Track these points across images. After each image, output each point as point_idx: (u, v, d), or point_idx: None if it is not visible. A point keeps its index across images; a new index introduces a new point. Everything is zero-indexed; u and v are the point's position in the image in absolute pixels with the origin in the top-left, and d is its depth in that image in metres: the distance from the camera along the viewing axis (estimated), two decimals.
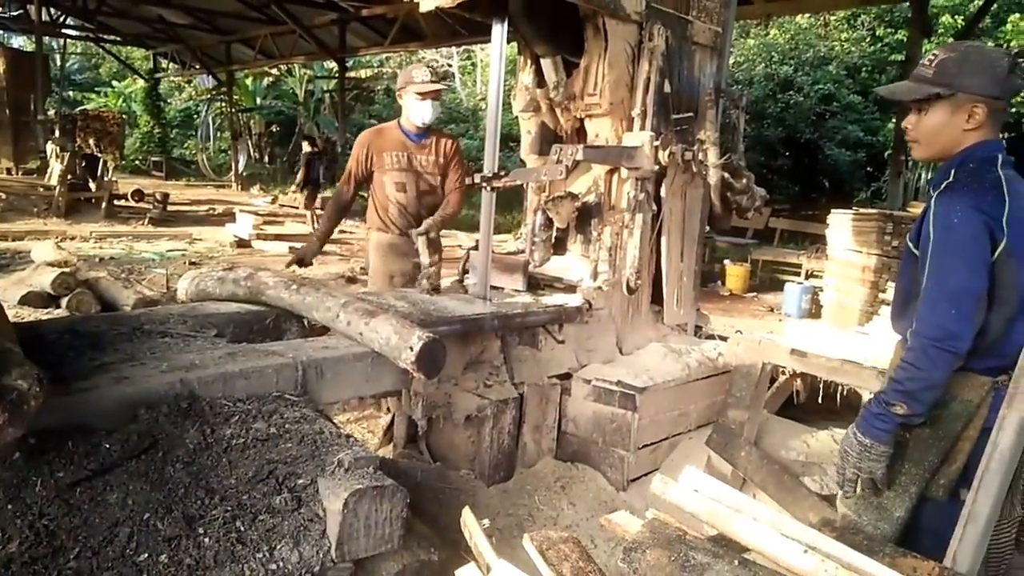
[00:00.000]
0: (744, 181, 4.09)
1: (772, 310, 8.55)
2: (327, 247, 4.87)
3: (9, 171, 13.48)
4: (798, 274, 9.35)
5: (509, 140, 12.94)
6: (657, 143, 3.43)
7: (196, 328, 2.61)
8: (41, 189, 11.49)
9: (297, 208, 14.45)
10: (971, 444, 1.80)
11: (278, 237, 10.52)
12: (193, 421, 2.04)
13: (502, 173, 3.34)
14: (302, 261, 3.90)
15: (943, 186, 1.80)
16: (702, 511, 1.52)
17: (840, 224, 7.57)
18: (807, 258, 9.46)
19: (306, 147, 12.91)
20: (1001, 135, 1.95)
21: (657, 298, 3.78)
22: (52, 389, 2.02)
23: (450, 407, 2.96)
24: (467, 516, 1.72)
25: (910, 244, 1.92)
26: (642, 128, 3.48)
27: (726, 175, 3.86)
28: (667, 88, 3.61)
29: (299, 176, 12.73)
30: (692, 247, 3.86)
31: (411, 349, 2.24)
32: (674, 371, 3.31)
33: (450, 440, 3.04)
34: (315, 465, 2.00)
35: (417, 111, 3.65)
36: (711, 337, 3.98)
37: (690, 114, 3.82)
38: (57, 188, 11.39)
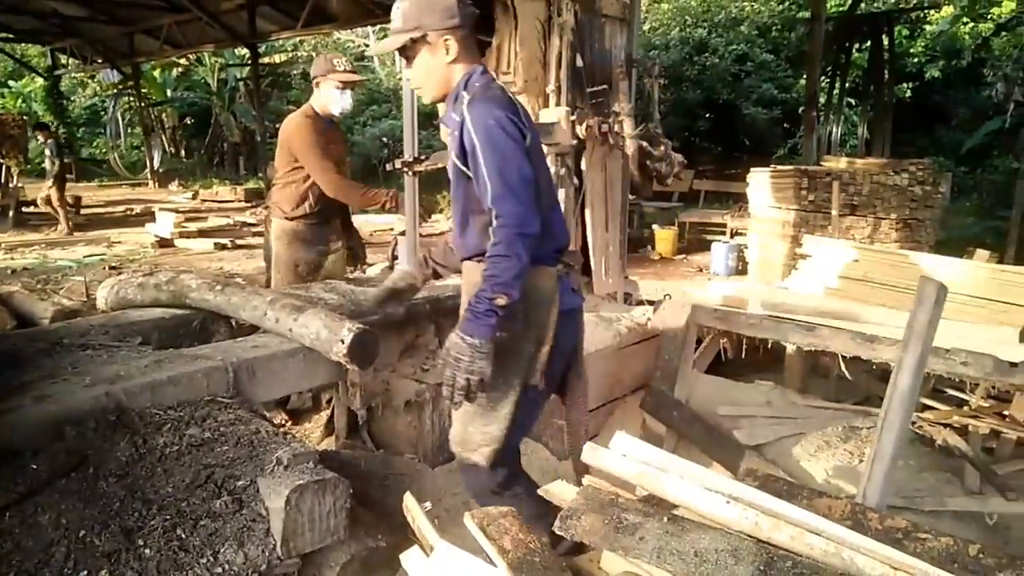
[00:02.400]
0: (662, 148, 4.19)
1: (701, 270, 8.80)
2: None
3: None
4: (724, 233, 9.63)
5: (432, 118, 12.81)
6: (573, 118, 3.48)
7: (119, 337, 2.56)
8: None
9: (222, 202, 13.98)
10: (554, 328, 2.01)
11: (202, 233, 10.21)
12: (123, 433, 2.01)
13: (423, 157, 3.34)
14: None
15: (467, 101, 1.95)
16: (632, 474, 1.60)
17: (759, 182, 7.82)
18: (731, 217, 9.73)
19: (39, 137, 11.55)
20: None
21: (585, 270, 3.86)
22: None
23: (389, 394, 2.98)
24: (408, 501, 1.76)
25: (457, 163, 2.01)
26: (557, 103, 3.53)
27: (644, 144, 3.95)
28: (579, 62, 3.67)
29: (53, 169, 11.06)
30: (616, 217, 3.95)
31: (342, 342, 2.24)
32: (606, 339, 3.39)
33: (392, 427, 3.06)
34: (254, 465, 2.00)
35: (337, 100, 3.55)
36: (640, 303, 4.09)
37: (604, 86, 3.89)
38: None
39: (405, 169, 3.28)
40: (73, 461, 1.90)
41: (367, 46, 21.08)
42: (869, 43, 13.14)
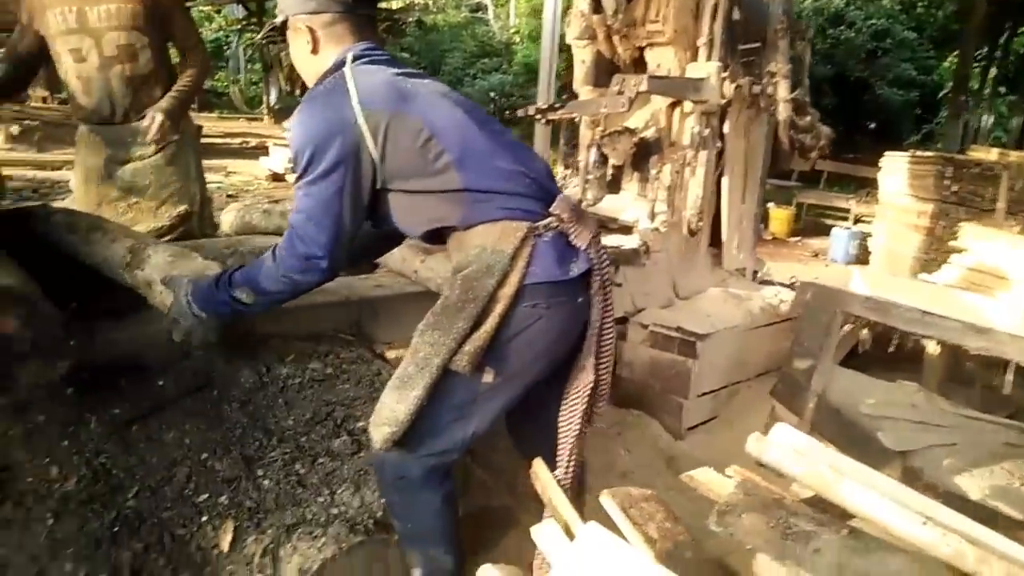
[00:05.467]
0: (808, 119, 3.87)
1: (817, 255, 8.31)
2: None
3: (44, 100, 13.37)
4: (845, 219, 9.05)
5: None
6: (725, 75, 3.20)
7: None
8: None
9: None
10: (506, 305, 1.49)
11: None
12: (247, 359, 1.96)
13: (557, 105, 3.16)
14: None
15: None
16: (804, 474, 1.40)
17: (894, 167, 7.23)
18: (856, 202, 9.12)
19: None
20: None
21: (715, 241, 3.61)
22: (106, 324, 1.96)
23: None
24: (538, 467, 1.62)
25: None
26: (708, 58, 3.26)
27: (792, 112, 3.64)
28: (735, 15, 3.37)
29: None
30: (754, 188, 3.66)
31: None
32: (736, 317, 3.16)
33: None
34: (373, 408, 1.92)
35: None
36: (769, 282, 3.81)
37: (757, 44, 3.58)
38: None
39: (539, 116, 3.11)
40: (199, 381, 1.86)
41: None
42: None
